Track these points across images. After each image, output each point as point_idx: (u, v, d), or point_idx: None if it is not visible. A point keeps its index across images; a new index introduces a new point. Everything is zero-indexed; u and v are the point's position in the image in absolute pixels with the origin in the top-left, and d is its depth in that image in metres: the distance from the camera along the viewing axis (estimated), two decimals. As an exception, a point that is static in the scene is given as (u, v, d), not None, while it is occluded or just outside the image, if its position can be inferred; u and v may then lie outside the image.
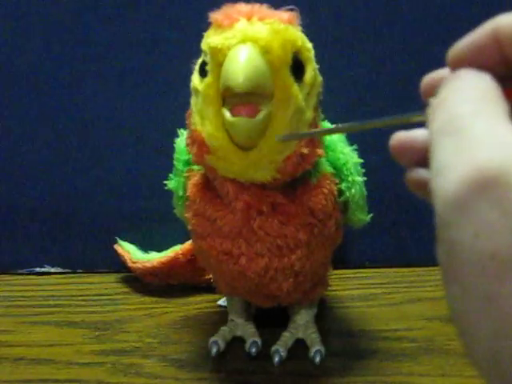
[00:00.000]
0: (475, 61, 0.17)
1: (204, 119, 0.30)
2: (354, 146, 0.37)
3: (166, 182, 0.40)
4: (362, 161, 0.37)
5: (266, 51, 0.27)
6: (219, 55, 0.28)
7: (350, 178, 0.35)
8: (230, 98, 0.28)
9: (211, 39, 0.28)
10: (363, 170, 0.37)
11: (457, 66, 0.17)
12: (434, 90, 0.17)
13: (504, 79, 0.17)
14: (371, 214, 0.38)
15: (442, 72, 0.19)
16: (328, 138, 0.35)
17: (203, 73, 0.29)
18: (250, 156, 0.29)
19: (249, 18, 0.28)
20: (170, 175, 0.40)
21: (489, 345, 0.13)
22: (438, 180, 0.14)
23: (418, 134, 0.19)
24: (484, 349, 0.13)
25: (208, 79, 0.29)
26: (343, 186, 0.35)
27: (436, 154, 0.15)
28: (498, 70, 0.17)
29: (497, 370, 0.13)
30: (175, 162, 0.39)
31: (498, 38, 0.17)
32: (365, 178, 0.37)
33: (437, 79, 0.18)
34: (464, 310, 0.14)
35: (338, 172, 0.35)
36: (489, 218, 0.13)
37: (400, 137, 0.19)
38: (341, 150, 0.36)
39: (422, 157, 0.18)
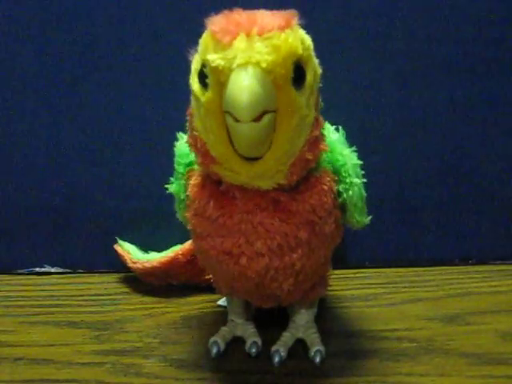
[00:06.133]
0: None
1: (208, 132, 0.30)
2: (354, 148, 0.37)
3: (166, 183, 0.40)
4: (361, 162, 0.36)
5: (268, 72, 0.27)
6: (220, 75, 0.27)
7: (347, 180, 0.35)
8: None
9: (211, 57, 0.28)
10: (363, 171, 0.37)
11: None
12: None
13: None
14: (371, 215, 0.38)
15: None
16: (327, 139, 0.35)
17: (204, 83, 0.29)
18: (256, 167, 0.29)
19: (248, 33, 0.27)
20: (171, 179, 0.40)
21: None
22: None
23: None
24: None
25: (210, 94, 0.28)
26: (341, 187, 0.35)
27: None
28: None
29: None
30: (176, 166, 0.38)
31: None
32: (364, 180, 0.37)
33: None
34: None
35: (336, 173, 0.35)
36: None
37: None
38: (340, 151, 0.35)
39: None
